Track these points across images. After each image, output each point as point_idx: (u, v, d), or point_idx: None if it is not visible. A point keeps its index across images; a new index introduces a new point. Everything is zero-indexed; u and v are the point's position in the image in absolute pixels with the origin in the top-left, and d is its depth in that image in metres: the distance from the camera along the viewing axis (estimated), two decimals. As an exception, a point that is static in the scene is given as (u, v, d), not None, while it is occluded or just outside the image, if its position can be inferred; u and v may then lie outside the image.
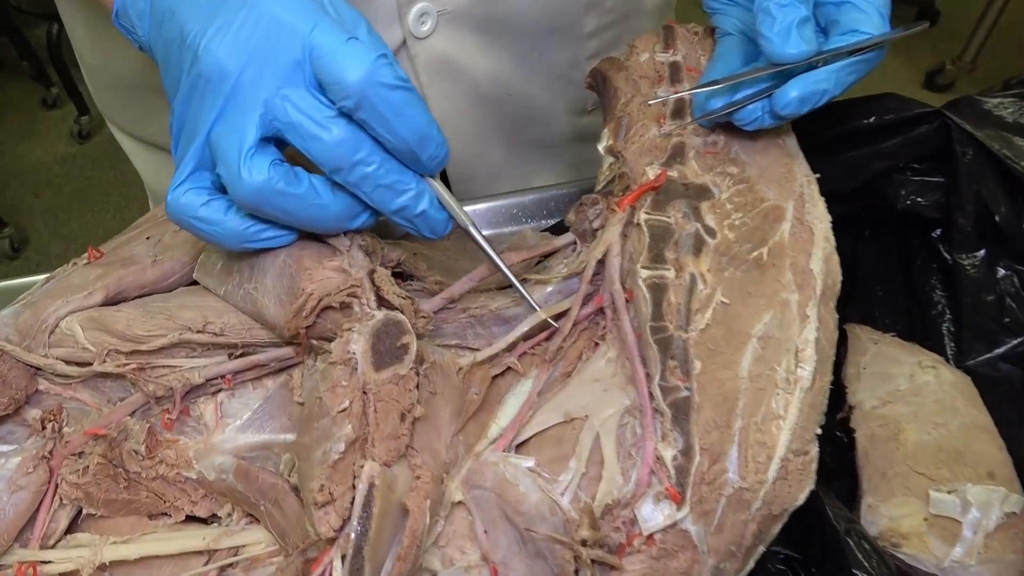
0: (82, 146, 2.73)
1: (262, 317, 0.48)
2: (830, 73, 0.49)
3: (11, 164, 2.71)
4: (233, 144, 0.42)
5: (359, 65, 0.40)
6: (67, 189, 2.62)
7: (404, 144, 0.43)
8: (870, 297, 0.68)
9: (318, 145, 0.42)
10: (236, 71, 0.42)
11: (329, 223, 0.45)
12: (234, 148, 0.42)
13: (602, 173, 0.58)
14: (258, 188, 0.42)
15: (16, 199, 2.59)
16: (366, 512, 0.39)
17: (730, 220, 0.52)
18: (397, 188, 0.44)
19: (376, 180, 0.43)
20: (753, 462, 0.45)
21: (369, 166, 0.43)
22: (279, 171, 0.42)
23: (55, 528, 0.49)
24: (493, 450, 0.46)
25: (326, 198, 0.44)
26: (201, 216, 0.45)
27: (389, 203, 0.44)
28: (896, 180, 0.63)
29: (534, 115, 0.77)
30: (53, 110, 2.86)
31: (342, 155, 0.42)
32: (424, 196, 0.45)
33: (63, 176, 2.66)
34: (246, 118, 0.42)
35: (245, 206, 0.44)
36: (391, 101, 0.41)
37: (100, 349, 0.49)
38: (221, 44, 0.42)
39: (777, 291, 0.49)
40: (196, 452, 0.48)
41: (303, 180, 0.43)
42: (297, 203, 0.43)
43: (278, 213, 0.44)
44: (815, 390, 0.47)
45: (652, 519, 0.43)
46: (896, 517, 0.53)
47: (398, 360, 0.43)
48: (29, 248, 2.47)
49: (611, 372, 0.48)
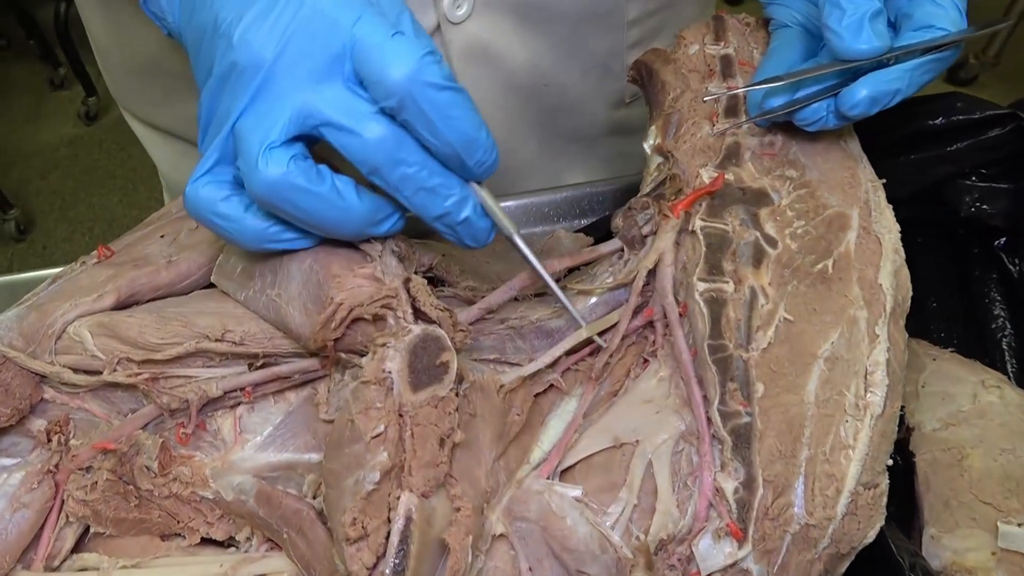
0: (89, 128, 2.69)
1: (286, 326, 0.44)
2: (903, 72, 0.46)
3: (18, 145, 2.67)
4: (256, 136, 0.39)
5: (404, 63, 0.37)
6: (74, 171, 2.58)
7: (450, 148, 0.39)
8: (924, 309, 0.65)
9: (356, 143, 0.38)
10: (270, 60, 0.38)
11: (351, 227, 0.42)
12: (256, 139, 0.39)
13: (649, 174, 0.54)
14: (274, 182, 0.38)
15: (23, 181, 2.55)
16: (403, 549, 0.35)
17: (791, 228, 0.48)
18: (440, 192, 0.41)
19: (418, 183, 0.40)
20: (821, 496, 0.41)
21: (411, 167, 0.39)
22: (300, 166, 0.39)
23: (60, 548, 0.46)
24: (536, 476, 0.42)
25: (350, 200, 0.41)
26: (220, 212, 0.41)
27: (431, 208, 0.41)
28: (961, 186, 0.59)
29: (570, 106, 0.73)
30: (60, 91, 2.82)
31: (382, 155, 0.39)
32: (468, 202, 0.42)
33: (70, 158, 2.62)
34: (276, 110, 0.39)
35: (260, 202, 0.40)
36: (437, 102, 0.38)
37: (110, 357, 0.46)
38: (258, 32, 0.38)
39: (844, 307, 0.45)
40: (213, 470, 0.45)
41: (326, 179, 0.40)
42: (317, 202, 0.40)
43: (295, 212, 0.40)
44: (886, 417, 0.44)
45: (711, 557, 0.40)
46: (961, 550, 0.50)
47: (437, 380, 0.39)
48: (36, 231, 2.44)
49: (664, 393, 0.44)
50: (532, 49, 0.68)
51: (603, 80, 0.73)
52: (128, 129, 0.86)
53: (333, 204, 0.40)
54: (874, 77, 0.45)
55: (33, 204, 2.50)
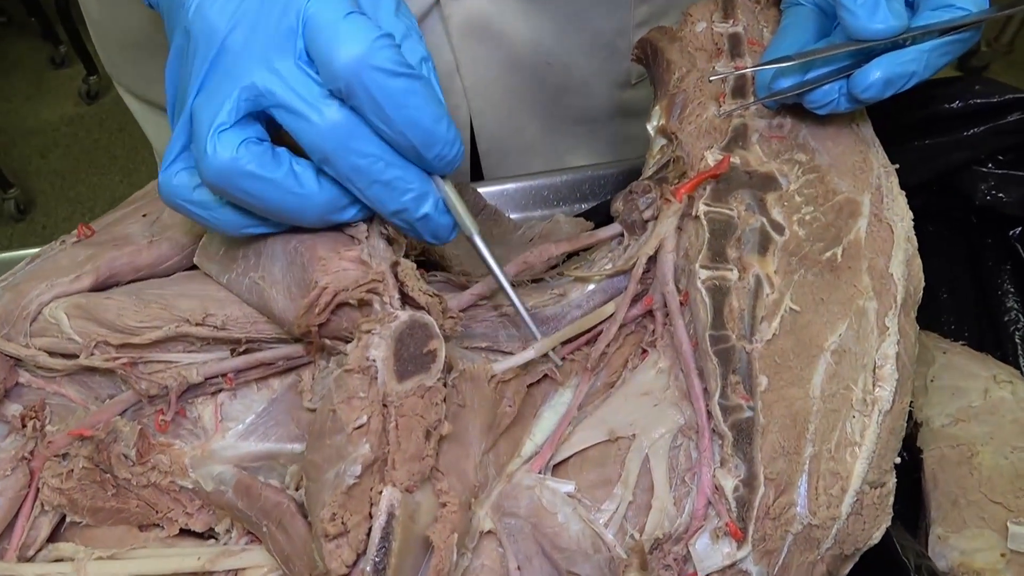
0: (90, 107, 2.67)
1: (269, 311, 0.43)
2: (920, 53, 0.43)
3: (18, 124, 2.65)
4: (206, 117, 0.36)
5: (353, 45, 0.34)
6: (74, 150, 2.56)
7: (405, 140, 0.36)
8: (934, 300, 0.62)
9: (307, 128, 0.36)
10: (224, 34, 0.36)
11: (310, 216, 0.39)
12: (206, 121, 0.36)
13: (652, 156, 0.52)
14: (222, 167, 0.36)
15: (23, 160, 2.53)
16: (384, 547, 0.34)
17: (800, 215, 0.46)
18: (396, 187, 0.38)
19: (372, 175, 0.37)
20: (825, 495, 0.39)
21: (364, 158, 0.36)
22: (252, 151, 0.36)
23: (35, 537, 0.44)
24: (528, 471, 0.40)
25: (308, 187, 0.38)
26: (194, 200, 0.39)
27: (387, 203, 0.38)
28: (976, 173, 0.57)
29: (574, 86, 0.71)
30: (61, 69, 2.79)
31: (333, 142, 0.36)
32: (428, 198, 0.39)
33: (70, 137, 2.60)
34: (226, 89, 0.36)
35: (211, 188, 0.38)
36: (389, 90, 0.35)
37: (87, 340, 0.44)
38: (213, 3, 0.36)
39: (853, 298, 0.43)
40: (192, 459, 0.43)
41: (282, 164, 0.37)
42: (270, 189, 0.37)
43: (248, 199, 0.37)
44: (895, 412, 0.42)
45: (708, 558, 0.38)
46: (969, 551, 0.48)
47: (424, 369, 0.37)
48: (36, 210, 2.42)
49: (662, 385, 0.43)
50: (535, 26, 0.66)
51: (609, 59, 0.70)
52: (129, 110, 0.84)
53: (289, 191, 0.37)
54: (889, 58, 0.43)
55: (33, 183, 2.48)
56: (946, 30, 0.43)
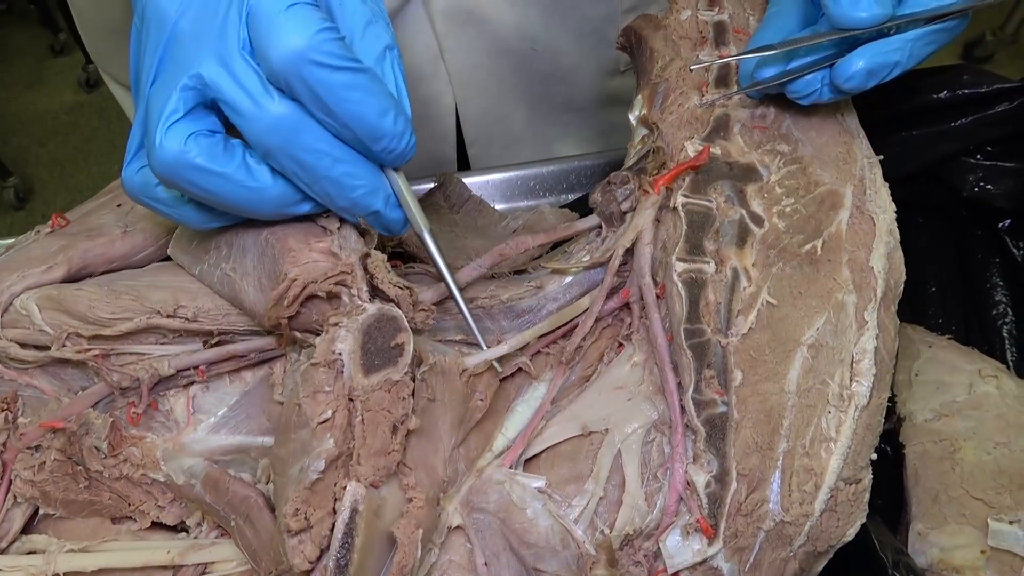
0: (89, 95, 2.66)
1: (240, 303, 0.42)
2: (904, 43, 0.42)
3: (17, 112, 2.65)
4: (156, 107, 0.35)
5: (292, 37, 0.33)
6: (74, 139, 2.55)
7: (349, 133, 0.36)
8: (922, 293, 0.62)
9: (250, 123, 0.35)
10: (174, 19, 0.35)
11: (265, 209, 0.38)
12: (156, 112, 0.35)
13: (633, 146, 0.51)
14: (171, 160, 0.35)
15: (22, 148, 2.53)
16: (347, 543, 0.33)
17: (780, 207, 0.45)
18: (344, 183, 0.37)
19: (319, 171, 0.36)
20: (798, 491, 0.39)
21: (311, 154, 0.35)
22: (201, 143, 0.35)
23: (8, 529, 0.44)
24: (498, 466, 0.40)
25: (262, 180, 0.37)
26: (157, 197, 0.38)
27: (336, 198, 0.37)
28: (964, 164, 0.56)
29: (561, 74, 0.70)
30: (61, 57, 2.78)
31: (277, 137, 0.35)
32: (378, 193, 0.38)
33: (70, 125, 2.59)
34: (175, 78, 0.35)
35: (162, 181, 0.37)
36: (329, 84, 0.34)
37: (59, 332, 0.44)
38: None
39: (832, 291, 0.43)
40: (164, 452, 0.43)
41: (234, 156, 0.36)
42: (221, 183, 0.36)
43: (199, 193, 0.36)
44: (871, 408, 0.41)
45: (679, 554, 0.37)
46: (949, 548, 0.47)
47: (391, 363, 0.37)
48: (35, 199, 2.42)
49: (637, 379, 0.42)
50: (521, 11, 0.65)
51: (597, 47, 0.70)
52: (116, 97, 0.83)
53: (240, 184, 0.36)
54: (872, 48, 0.42)
55: (32, 172, 2.47)
56: (932, 18, 0.43)
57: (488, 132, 0.73)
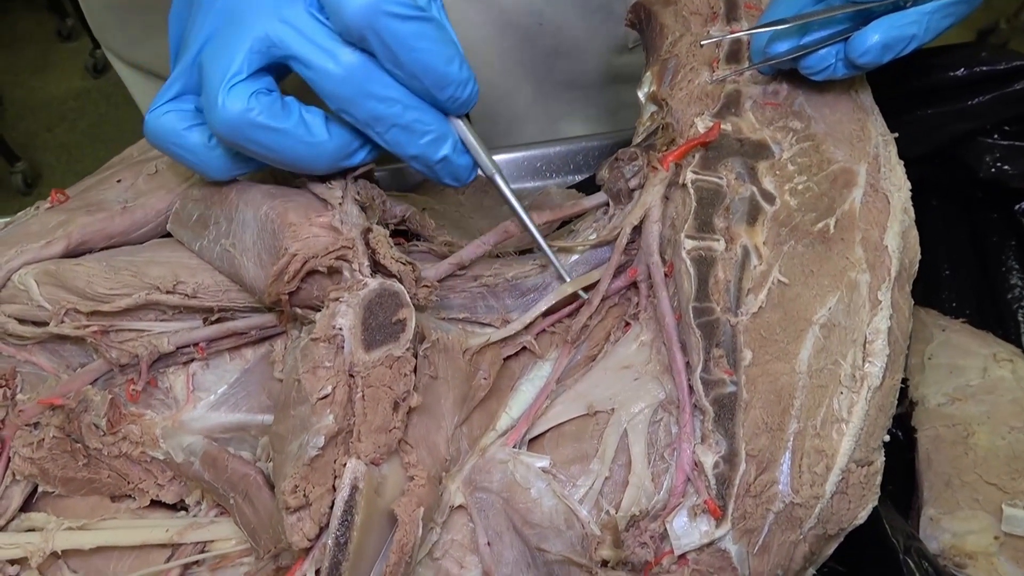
0: (97, 81, 2.66)
1: (240, 279, 0.41)
2: (920, 15, 0.41)
3: (25, 97, 2.64)
4: (218, 68, 0.36)
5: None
6: (81, 124, 2.55)
7: (418, 83, 0.37)
8: (936, 276, 0.61)
9: (323, 76, 0.36)
10: None
11: (322, 163, 0.39)
12: (218, 73, 0.36)
13: (642, 123, 0.50)
14: (234, 120, 0.36)
15: (29, 133, 2.53)
16: (347, 521, 0.33)
17: (792, 184, 0.44)
18: (416, 129, 0.38)
19: (391, 119, 0.37)
20: (809, 473, 0.38)
21: (382, 102, 0.37)
22: (262, 102, 0.36)
23: (7, 506, 0.44)
24: (502, 445, 0.39)
25: (319, 135, 0.38)
26: (181, 144, 0.39)
27: (406, 146, 0.38)
28: (981, 144, 0.54)
29: (567, 50, 0.69)
30: (68, 42, 2.77)
31: (350, 88, 0.36)
32: (447, 140, 0.39)
33: (77, 111, 2.59)
34: (237, 40, 0.36)
35: (222, 139, 0.38)
36: (400, 34, 0.35)
37: (57, 308, 0.43)
38: None
39: (845, 270, 0.42)
40: (163, 429, 0.42)
41: (292, 113, 0.37)
42: (282, 139, 0.37)
43: (260, 150, 0.38)
44: (884, 389, 0.40)
45: (686, 536, 0.37)
46: (961, 533, 0.46)
47: (393, 338, 0.36)
48: (42, 184, 2.42)
49: (644, 358, 0.41)
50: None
51: (604, 22, 0.68)
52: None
53: (300, 140, 0.38)
54: (888, 21, 0.41)
55: (40, 157, 2.47)
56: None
57: (493, 109, 0.72)
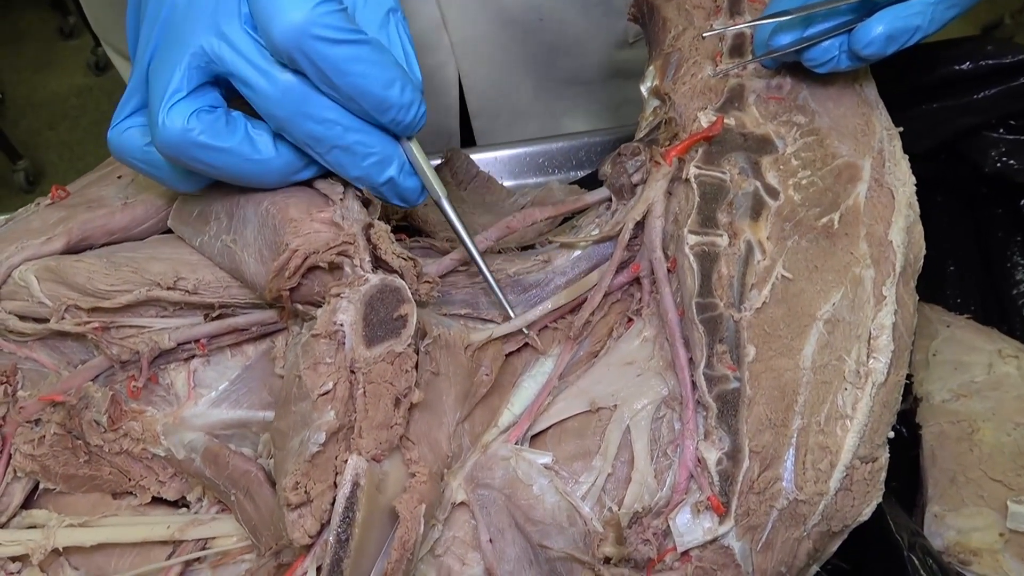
0: (99, 78, 2.65)
1: (241, 275, 0.41)
2: (925, 6, 0.41)
3: (27, 95, 2.64)
4: (158, 86, 0.35)
5: (291, 12, 0.32)
6: (83, 122, 2.55)
7: (356, 105, 0.35)
8: (940, 272, 0.60)
9: (259, 95, 0.34)
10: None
11: (270, 179, 0.38)
12: (158, 91, 0.35)
13: (645, 118, 0.50)
14: (174, 139, 0.35)
15: (31, 131, 2.53)
16: (348, 517, 0.32)
17: (796, 179, 0.44)
18: (357, 151, 0.36)
19: (330, 141, 0.36)
20: (812, 469, 0.38)
21: (321, 124, 0.35)
22: (204, 120, 0.35)
23: (8, 503, 0.44)
24: (504, 442, 0.39)
25: (265, 152, 0.37)
26: (144, 159, 0.38)
27: (348, 168, 0.37)
28: (986, 139, 0.54)
29: (568, 45, 0.69)
30: (70, 40, 2.77)
31: (287, 108, 0.35)
32: (391, 162, 0.38)
33: (79, 108, 2.59)
34: (177, 55, 0.35)
35: (167, 158, 0.37)
36: (331, 58, 0.33)
37: (57, 304, 0.43)
38: None
39: (849, 265, 0.41)
40: (165, 426, 0.42)
41: (237, 130, 0.36)
42: (225, 158, 0.36)
43: (204, 168, 0.36)
44: (889, 385, 0.40)
45: (689, 532, 0.37)
46: (966, 530, 0.46)
47: (394, 334, 0.36)
48: (45, 182, 2.42)
49: (647, 354, 0.41)
50: None
51: (605, 17, 0.68)
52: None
53: (245, 158, 0.36)
54: (892, 12, 0.41)
55: (42, 155, 2.47)
56: None
57: (493, 105, 0.72)
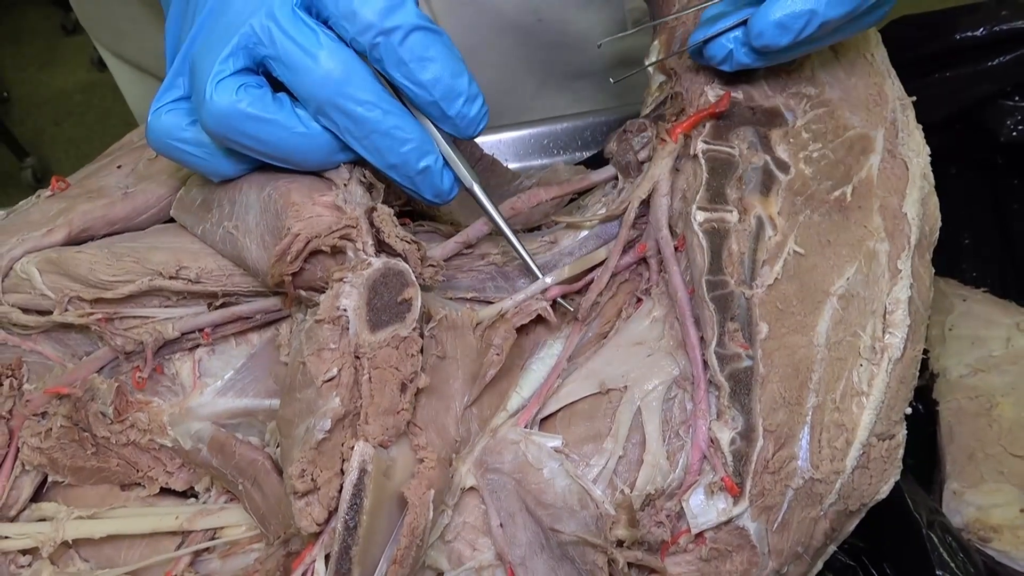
0: (103, 74, 2.65)
1: (243, 261, 0.41)
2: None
3: (32, 92, 2.65)
4: (205, 65, 0.35)
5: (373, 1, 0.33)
6: (88, 118, 2.55)
7: (428, 95, 0.36)
8: (956, 245, 0.59)
9: (300, 77, 0.35)
10: None
11: (315, 156, 0.38)
12: (206, 68, 0.35)
13: (650, 94, 0.49)
14: (223, 111, 0.35)
15: (37, 129, 2.53)
16: (355, 504, 0.32)
17: (807, 152, 0.43)
18: (396, 135, 0.36)
19: (369, 124, 0.35)
20: (828, 448, 0.37)
21: (361, 105, 0.35)
22: (252, 93, 0.35)
23: (17, 496, 0.43)
24: (513, 425, 0.38)
25: (312, 126, 0.37)
26: (186, 139, 0.38)
27: (385, 154, 0.37)
28: (1002, 107, 0.53)
29: (569, 41, 0.68)
30: (73, 36, 2.77)
31: (328, 90, 0.35)
32: (429, 150, 0.37)
33: (84, 104, 2.59)
34: (224, 36, 0.35)
35: (214, 137, 0.37)
36: (410, 43, 0.34)
37: (60, 296, 0.42)
38: None
39: (863, 239, 0.41)
40: (171, 416, 0.42)
41: (284, 105, 0.36)
42: (274, 130, 0.36)
43: (252, 143, 0.36)
44: (905, 361, 0.39)
45: (703, 514, 0.36)
46: (986, 507, 0.45)
47: (398, 319, 0.35)
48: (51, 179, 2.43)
49: (657, 334, 0.40)
50: None
51: (603, 8, 0.67)
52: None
53: (292, 131, 0.36)
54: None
55: (48, 152, 2.48)
56: None
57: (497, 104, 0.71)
